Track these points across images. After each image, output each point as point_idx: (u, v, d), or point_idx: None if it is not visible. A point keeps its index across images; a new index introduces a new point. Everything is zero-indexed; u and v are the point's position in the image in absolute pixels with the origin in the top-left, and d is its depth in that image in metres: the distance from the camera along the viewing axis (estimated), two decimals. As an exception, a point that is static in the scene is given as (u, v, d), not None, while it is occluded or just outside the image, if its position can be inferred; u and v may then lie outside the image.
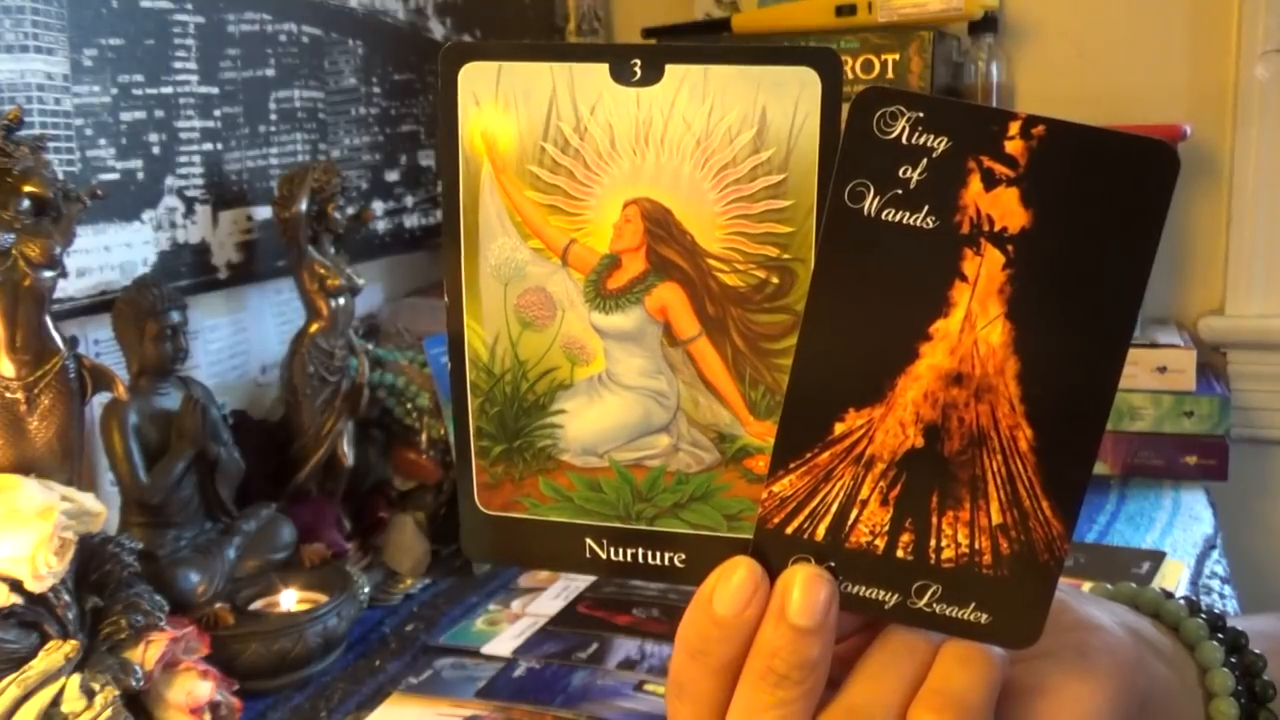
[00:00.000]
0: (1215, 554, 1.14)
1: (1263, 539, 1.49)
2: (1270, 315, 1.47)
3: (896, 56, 1.34)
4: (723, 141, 0.37)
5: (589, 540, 0.40)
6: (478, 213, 0.39)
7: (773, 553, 0.37)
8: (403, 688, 0.85)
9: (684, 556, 0.40)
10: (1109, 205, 0.33)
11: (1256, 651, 0.45)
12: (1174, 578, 1.03)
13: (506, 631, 0.93)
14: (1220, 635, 0.45)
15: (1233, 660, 0.45)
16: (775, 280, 0.38)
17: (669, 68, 0.37)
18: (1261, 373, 1.48)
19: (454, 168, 0.39)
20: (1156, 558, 1.06)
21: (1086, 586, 0.92)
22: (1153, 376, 1.30)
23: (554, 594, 1.00)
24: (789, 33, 1.41)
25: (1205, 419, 1.30)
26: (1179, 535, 1.16)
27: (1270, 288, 1.47)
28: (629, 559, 0.40)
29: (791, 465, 0.36)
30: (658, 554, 0.40)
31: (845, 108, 0.35)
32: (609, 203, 0.38)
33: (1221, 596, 1.05)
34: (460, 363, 0.40)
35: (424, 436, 1.08)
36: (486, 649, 0.91)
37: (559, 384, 0.40)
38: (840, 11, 1.36)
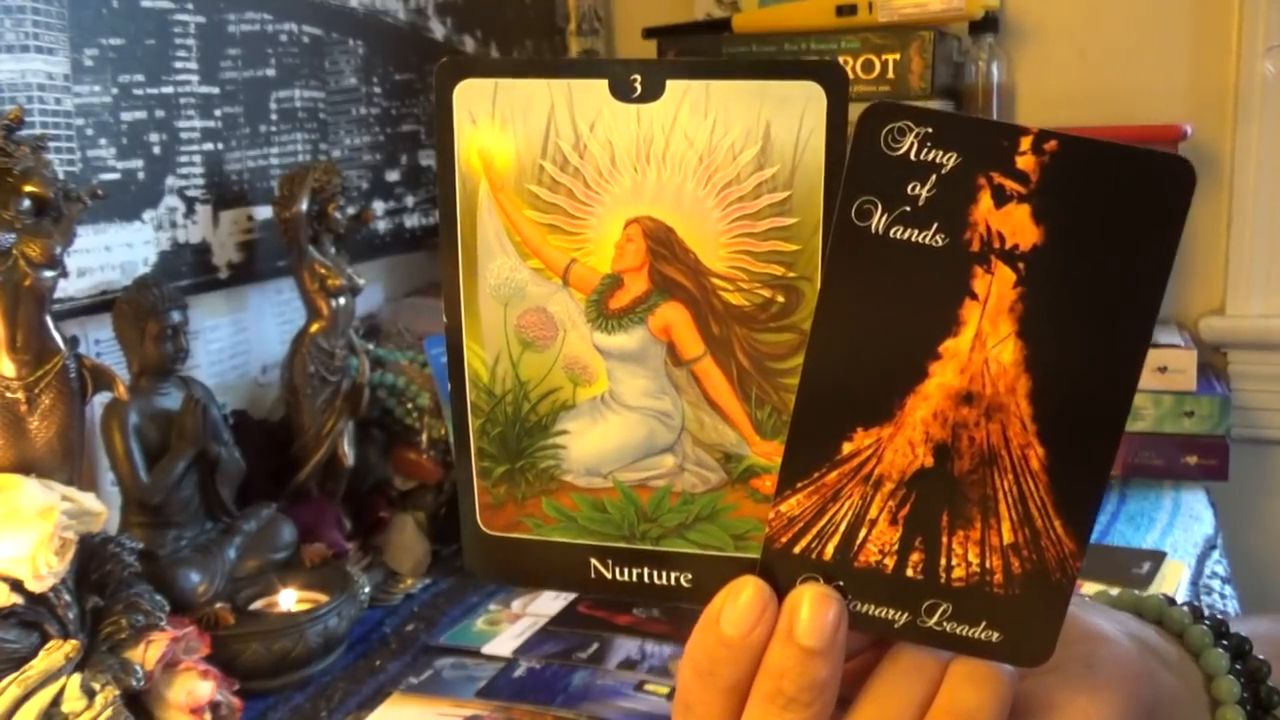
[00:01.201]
0: (1215, 554, 1.14)
1: (1263, 539, 1.49)
2: (1270, 315, 1.47)
3: (897, 56, 1.34)
4: (726, 158, 0.37)
5: (593, 560, 0.40)
6: (476, 232, 0.39)
7: (780, 572, 0.37)
8: (403, 688, 0.85)
9: (690, 576, 0.39)
10: (1123, 222, 0.33)
11: (1260, 658, 0.45)
12: (1174, 578, 1.03)
13: (507, 631, 0.93)
14: (1224, 642, 0.45)
15: (1237, 667, 0.44)
16: (781, 299, 0.37)
17: (670, 83, 0.37)
18: (1261, 373, 1.48)
19: (451, 186, 0.38)
20: (1157, 558, 1.06)
21: (1087, 588, 0.92)
22: (1153, 376, 1.30)
23: (554, 594, 1.00)
24: (789, 33, 1.41)
25: (1205, 419, 1.30)
26: (1179, 535, 1.16)
27: (1270, 288, 1.47)
28: (634, 579, 0.40)
29: (799, 485, 0.36)
30: (663, 574, 0.40)
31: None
32: (610, 221, 0.38)
33: (1222, 596, 1.05)
34: (460, 383, 0.40)
35: (424, 436, 1.08)
36: (487, 649, 0.91)
37: (561, 404, 0.39)
38: (841, 11, 1.36)
